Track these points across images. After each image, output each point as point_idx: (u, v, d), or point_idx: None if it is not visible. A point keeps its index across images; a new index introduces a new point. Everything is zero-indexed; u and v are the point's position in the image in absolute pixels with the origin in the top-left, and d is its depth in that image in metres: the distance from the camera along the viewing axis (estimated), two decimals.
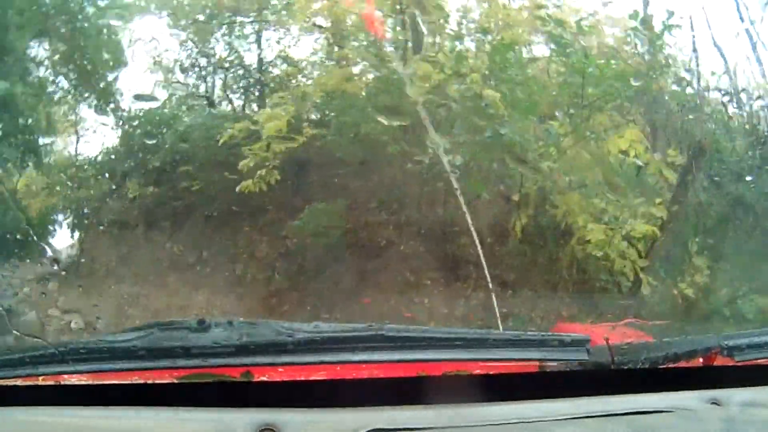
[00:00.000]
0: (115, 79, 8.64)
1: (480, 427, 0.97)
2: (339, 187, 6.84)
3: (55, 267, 7.79)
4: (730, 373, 1.17)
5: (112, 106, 8.65)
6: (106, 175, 8.67)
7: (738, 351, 1.18)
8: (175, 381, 1.02)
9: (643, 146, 5.91)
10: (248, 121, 6.89)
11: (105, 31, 8.12)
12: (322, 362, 1.06)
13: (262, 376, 1.05)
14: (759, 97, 6.50)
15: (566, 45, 5.83)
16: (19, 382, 1.01)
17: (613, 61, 5.93)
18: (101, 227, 8.36)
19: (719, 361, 1.17)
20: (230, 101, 9.57)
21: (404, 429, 0.94)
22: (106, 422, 0.95)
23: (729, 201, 6.21)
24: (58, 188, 8.54)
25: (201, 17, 8.73)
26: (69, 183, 8.55)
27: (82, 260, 8.10)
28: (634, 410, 1.03)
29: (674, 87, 6.39)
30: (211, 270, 7.10)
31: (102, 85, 8.42)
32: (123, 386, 1.02)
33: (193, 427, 0.94)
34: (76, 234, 8.85)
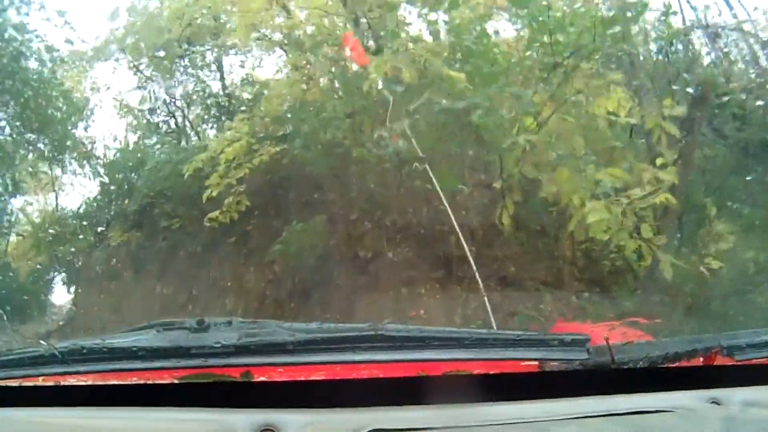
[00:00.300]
0: (75, 129, 8.83)
1: (480, 427, 0.97)
2: (317, 202, 6.70)
3: (49, 326, 7.99)
4: (730, 372, 1.17)
5: (77, 157, 8.90)
6: (87, 225, 8.88)
7: (738, 350, 1.18)
8: (175, 381, 1.02)
9: (632, 103, 5.27)
10: (211, 150, 6.91)
11: (54, 83, 8.22)
12: (322, 362, 1.06)
13: (262, 376, 1.04)
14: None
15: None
16: (19, 383, 1.01)
17: (580, 5, 5.26)
18: (90, 280, 8.37)
19: (719, 360, 1.17)
20: (197, 133, 9.62)
21: (404, 429, 0.94)
22: (106, 423, 0.95)
23: (739, 150, 5.45)
24: (42, 247, 8.78)
25: (160, 53, 8.69)
26: (52, 239, 8.79)
27: (77, 314, 8.10)
28: (634, 410, 1.02)
29: (657, 24, 5.59)
30: (202, 308, 7.03)
31: (61, 136, 8.57)
32: (123, 386, 1.02)
33: (193, 427, 0.94)
34: (68, 289, 9.17)
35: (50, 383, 1.02)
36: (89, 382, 1.03)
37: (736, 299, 4.95)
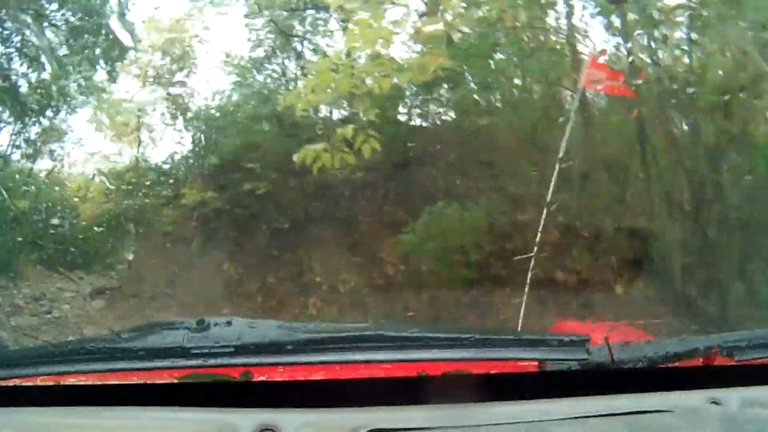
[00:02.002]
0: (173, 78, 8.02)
1: (480, 426, 0.97)
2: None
3: (105, 282, 6.98)
4: (730, 372, 1.17)
5: (169, 107, 8.10)
6: (166, 179, 7.65)
7: (738, 350, 1.18)
8: (175, 381, 1.02)
9: None
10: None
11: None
12: (322, 362, 1.06)
13: (262, 376, 1.05)
14: None
15: None
16: (19, 383, 1.01)
17: None
18: (154, 241, 6.99)
19: (719, 360, 1.17)
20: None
21: (404, 429, 0.94)
22: (106, 422, 0.95)
23: None
24: (116, 195, 7.69)
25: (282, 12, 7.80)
26: (130, 188, 7.70)
27: (131, 277, 6.77)
28: (634, 410, 1.03)
29: None
30: (278, 303, 5.48)
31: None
32: (123, 386, 1.02)
33: (193, 427, 0.94)
34: (127, 245, 7.90)
35: (50, 383, 1.02)
36: (89, 382, 1.03)
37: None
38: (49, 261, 6.64)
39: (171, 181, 7.78)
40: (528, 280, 3.72)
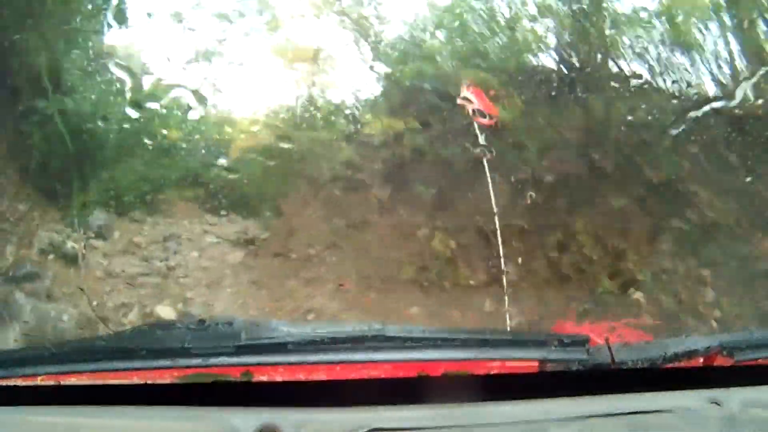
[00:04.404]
0: None
1: (480, 426, 0.97)
2: None
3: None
4: (730, 373, 1.17)
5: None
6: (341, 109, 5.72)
7: (738, 351, 1.18)
8: (176, 381, 1.02)
9: None
10: None
11: None
12: (322, 362, 1.07)
13: (262, 376, 1.05)
14: None
15: None
16: (19, 382, 1.02)
17: None
18: (318, 187, 5.25)
19: (719, 361, 1.17)
20: None
21: (404, 429, 0.94)
22: (106, 422, 0.95)
23: None
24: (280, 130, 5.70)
25: None
26: (297, 122, 5.98)
27: (279, 230, 5.15)
28: (634, 410, 1.03)
29: None
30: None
31: None
32: (123, 386, 1.02)
33: (193, 427, 0.94)
34: (287, 189, 5.81)
35: (50, 382, 1.02)
36: (89, 382, 1.03)
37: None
38: (200, 199, 5.46)
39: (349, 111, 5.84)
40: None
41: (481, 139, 4.01)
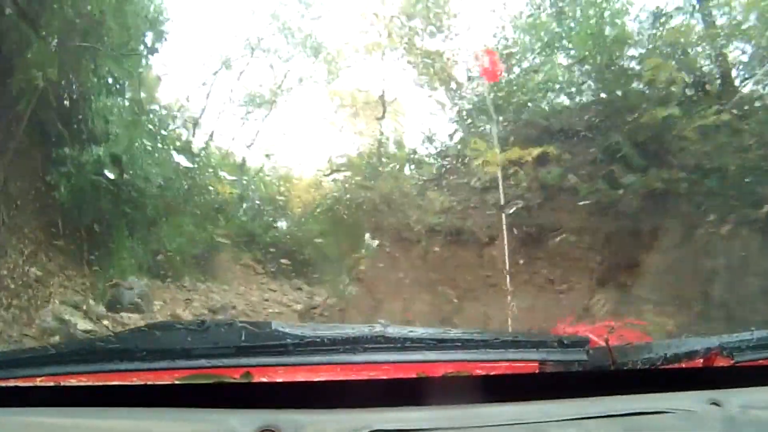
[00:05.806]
0: None
1: (480, 428, 0.97)
2: None
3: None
4: (730, 373, 1.17)
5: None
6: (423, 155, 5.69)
7: (738, 351, 1.18)
8: (176, 381, 1.02)
9: None
10: None
11: None
12: (322, 363, 1.07)
13: (262, 377, 1.05)
14: None
15: None
16: (19, 383, 1.01)
17: None
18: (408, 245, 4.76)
19: (719, 361, 1.17)
20: None
21: (404, 430, 0.94)
22: (106, 423, 0.95)
23: None
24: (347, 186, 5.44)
25: None
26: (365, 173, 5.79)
27: (357, 296, 4.67)
28: (634, 411, 1.03)
29: None
30: None
31: None
32: (123, 387, 1.02)
33: (193, 427, 0.94)
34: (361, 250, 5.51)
35: (50, 383, 1.02)
36: (89, 383, 1.03)
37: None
38: (261, 263, 5.35)
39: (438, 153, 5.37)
40: None
41: None
